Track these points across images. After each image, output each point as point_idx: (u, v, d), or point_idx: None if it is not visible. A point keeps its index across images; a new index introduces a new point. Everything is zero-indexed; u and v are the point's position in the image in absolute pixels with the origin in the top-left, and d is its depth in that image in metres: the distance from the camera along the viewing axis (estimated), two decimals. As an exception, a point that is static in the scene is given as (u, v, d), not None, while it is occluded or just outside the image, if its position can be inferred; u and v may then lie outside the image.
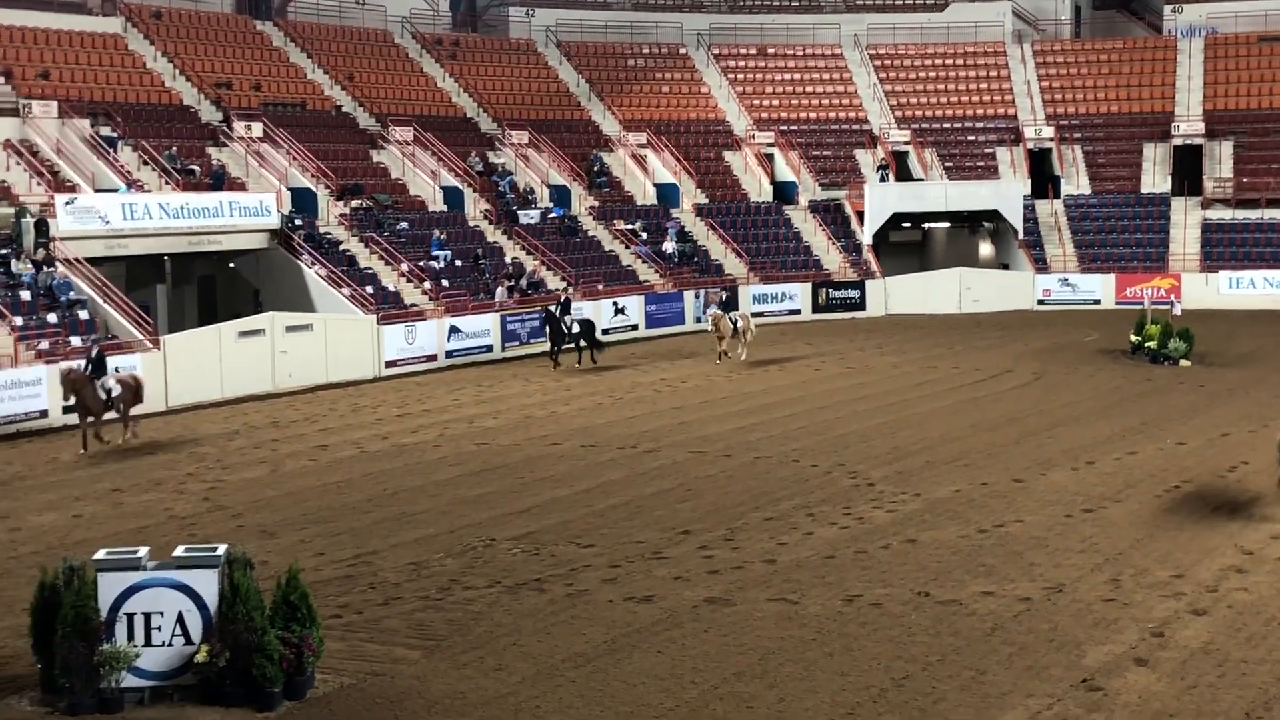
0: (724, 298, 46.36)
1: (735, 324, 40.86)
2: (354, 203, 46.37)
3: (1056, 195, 59.69)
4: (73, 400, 29.21)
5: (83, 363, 29.34)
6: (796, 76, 64.71)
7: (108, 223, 38.29)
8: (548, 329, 41.11)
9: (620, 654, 15.38)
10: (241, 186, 44.00)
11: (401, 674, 14.87)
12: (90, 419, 28.52)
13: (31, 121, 41.60)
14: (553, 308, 41.66)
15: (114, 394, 28.57)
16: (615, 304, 48.09)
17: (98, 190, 40.05)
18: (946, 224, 59.57)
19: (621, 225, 53.32)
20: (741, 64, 65.06)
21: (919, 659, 15.00)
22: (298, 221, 43.18)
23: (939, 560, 18.81)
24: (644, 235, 53.16)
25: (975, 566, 18.47)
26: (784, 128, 61.12)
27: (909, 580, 17.88)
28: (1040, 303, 55.04)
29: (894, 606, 16.80)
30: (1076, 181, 60.22)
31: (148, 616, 14.15)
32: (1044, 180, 60.23)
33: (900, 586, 17.61)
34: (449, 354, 42.01)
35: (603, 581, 18.13)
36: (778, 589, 17.64)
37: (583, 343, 40.73)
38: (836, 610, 16.74)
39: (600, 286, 48.39)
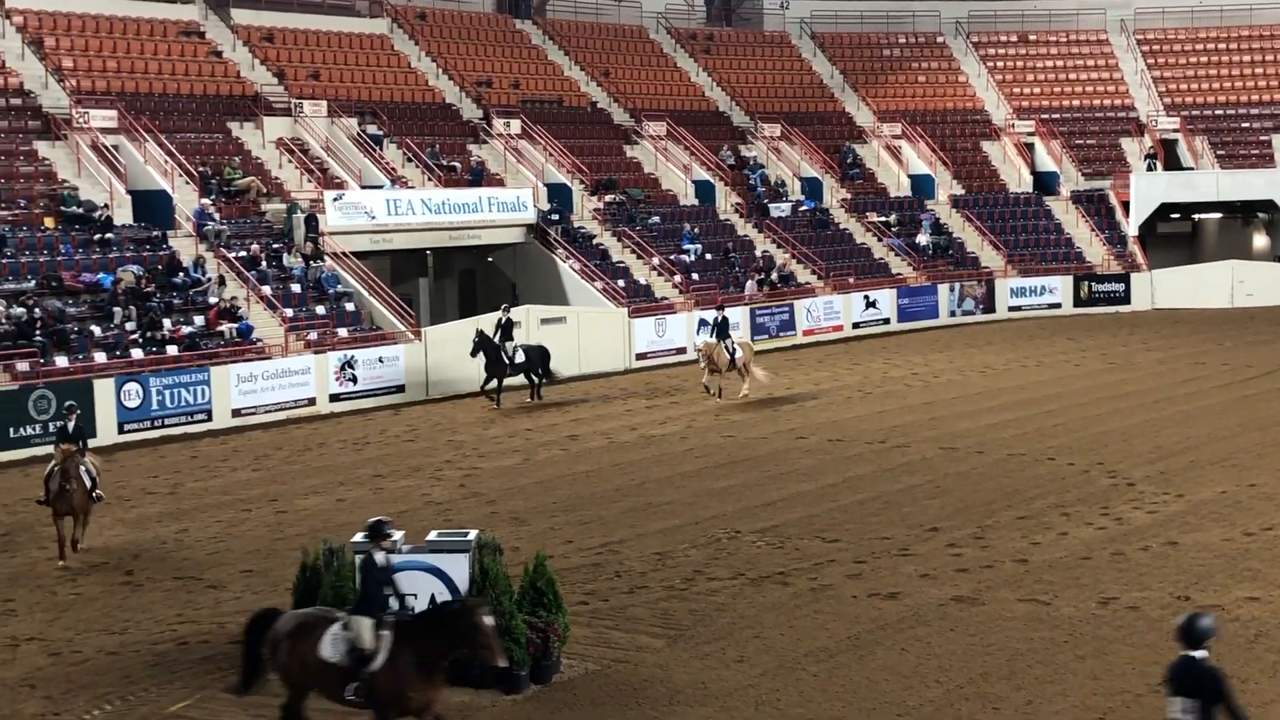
0: (719, 320, 33.82)
1: (733, 355, 33.04)
2: (607, 197, 47.01)
3: (1338, 184, 56.48)
4: None
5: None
6: (1059, 63, 62.88)
7: (373, 218, 39.70)
8: (482, 357, 33.21)
9: (864, 650, 15.21)
10: (500, 182, 45.07)
11: (645, 662, 15.00)
12: None
13: (302, 120, 43.42)
14: (487, 328, 33.75)
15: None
16: (866, 297, 47.59)
17: (364, 187, 41.56)
18: (1218, 214, 57.03)
19: (874, 218, 52.72)
20: (1001, 51, 63.58)
21: (1177, 666, 14.40)
22: (554, 216, 44.00)
23: (1201, 564, 18.04)
24: (897, 228, 52.44)
25: (1240, 571, 17.65)
26: (1045, 116, 59.46)
27: (1168, 584, 17.19)
28: (1319, 297, 52.23)
29: (1152, 611, 16.17)
30: (1361, 169, 56.89)
31: (402, 598, 14.57)
32: (1325, 168, 57.08)
33: (1159, 590, 16.95)
34: (698, 347, 42.11)
35: (847, 577, 17.96)
36: (1029, 589, 17.18)
37: (533, 375, 33.97)
38: (1090, 613, 16.21)
39: (851, 280, 47.95)
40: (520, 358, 33.45)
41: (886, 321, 48.07)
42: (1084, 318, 50.18)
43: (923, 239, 52.00)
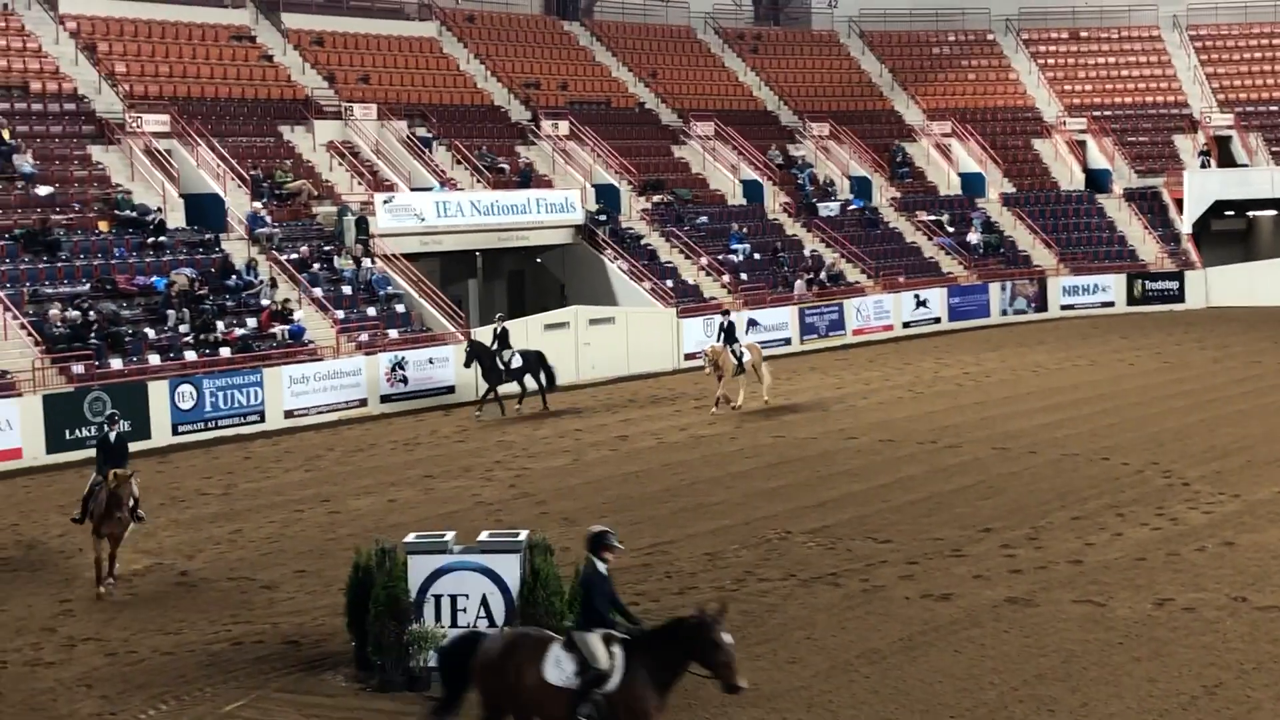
0: (726, 324, 32.63)
1: (740, 358, 31.64)
2: (655, 198, 47.01)
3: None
4: None
5: None
6: (1111, 60, 62.34)
7: (423, 220, 39.87)
8: (477, 366, 32.41)
9: (916, 651, 15.13)
10: (548, 184, 45.15)
11: (696, 663, 14.94)
12: None
13: (353, 123, 43.66)
14: (482, 336, 32.98)
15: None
16: (917, 296, 47.36)
17: (414, 189, 41.74)
18: (1273, 211, 56.36)
19: (924, 216, 52.46)
20: (1052, 48, 63.10)
21: (1233, 666, 14.26)
22: (602, 217, 44.05)
23: (1258, 564, 17.84)
24: (948, 226, 52.16)
25: (1299, 572, 17.44)
26: (1097, 113, 58.97)
27: (1225, 585, 17.01)
28: (1379, 294, 51.49)
29: (1208, 612, 16.01)
30: None
31: (454, 598, 14.64)
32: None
33: (1215, 591, 16.77)
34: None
35: (900, 578, 17.87)
36: (1083, 590, 17.04)
37: (530, 382, 32.59)
38: (1146, 614, 16.06)
39: (901, 279, 47.73)
40: (517, 363, 32.28)
41: (937, 321, 47.83)
42: (1137, 316, 49.73)
43: (973, 237, 51.70)
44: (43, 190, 35.21)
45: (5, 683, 15.05)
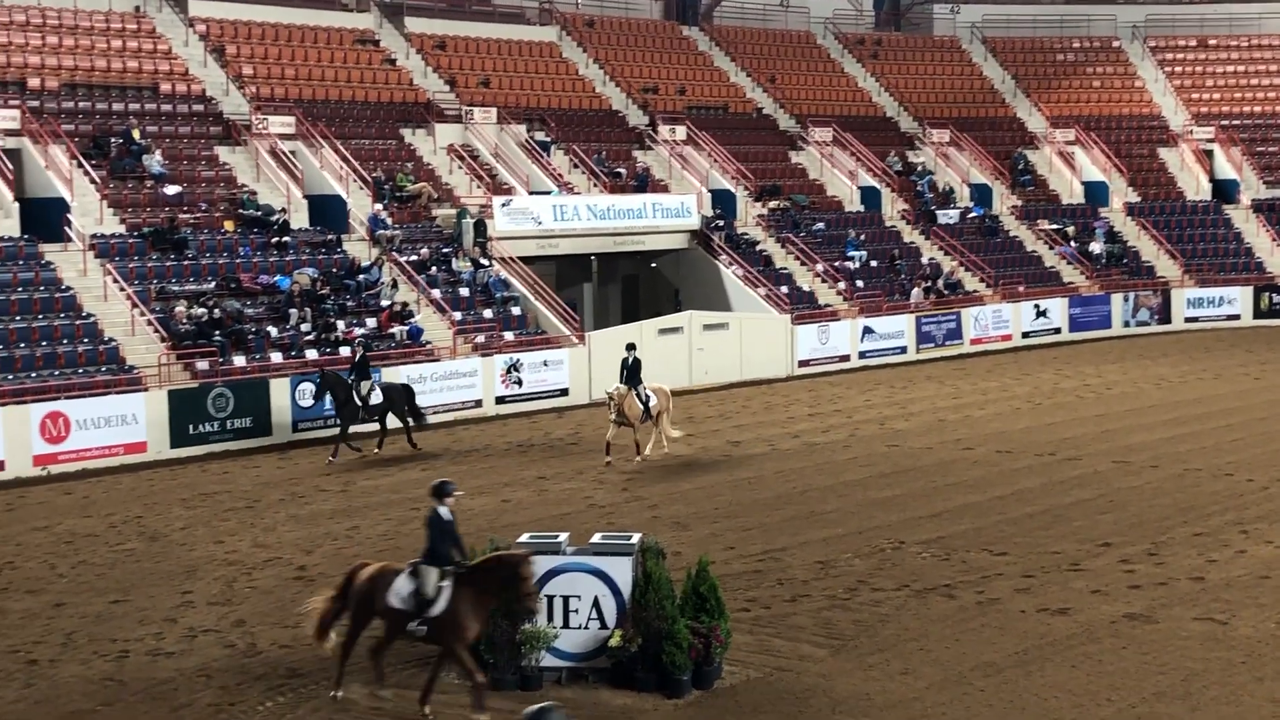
0: (630, 361, 27.26)
1: (647, 403, 26.90)
2: (772, 203, 46.87)
3: None
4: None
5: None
6: (1240, 68, 60.99)
7: (540, 223, 40.13)
8: (331, 400, 28.37)
9: (1032, 666, 14.91)
10: (664, 188, 45.23)
11: (807, 671, 14.89)
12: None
13: (472, 127, 44.08)
14: (339, 368, 29.28)
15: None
16: (1036, 306, 46.69)
17: (531, 192, 42.04)
18: None
19: (1046, 225, 51.70)
20: (1180, 56, 61.88)
21: (1364, 692, 13.86)
22: (718, 222, 44.00)
23: (1390, 587, 17.32)
24: (1070, 235, 51.35)
25: None
26: (1225, 122, 57.69)
27: (1355, 607, 16.54)
28: None
29: (1336, 634, 15.58)
30: None
31: (566, 600, 14.72)
32: None
33: (1344, 613, 16.32)
34: (862, 355, 41.86)
35: (1015, 591, 17.62)
36: (1205, 608, 16.68)
37: (392, 418, 28.56)
38: (1269, 633, 15.67)
39: (1021, 288, 47.08)
40: (376, 398, 28.09)
41: (1057, 331, 47.12)
42: (1264, 330, 48.54)
43: (1096, 247, 50.84)
44: (171, 190, 36.03)
45: (128, 672, 15.40)
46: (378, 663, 14.32)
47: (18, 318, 29.79)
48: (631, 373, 27.16)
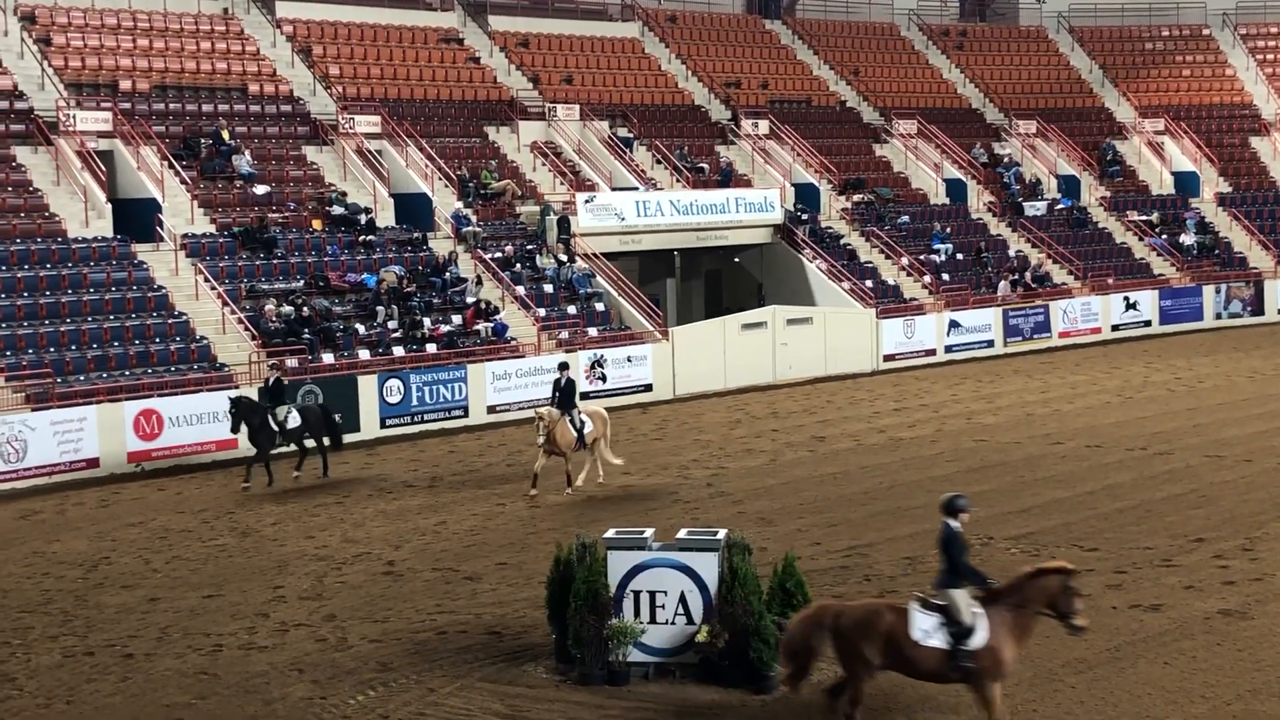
0: (563, 382, 24.54)
1: (581, 429, 24.07)
2: (855, 197, 46.61)
3: None
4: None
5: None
6: (1335, 54, 59.82)
7: (623, 219, 40.21)
8: (243, 427, 26.12)
9: (1124, 663, 14.73)
10: (747, 183, 45.13)
11: (895, 668, 14.77)
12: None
13: (555, 124, 44.27)
14: (245, 393, 27.53)
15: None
16: (1126, 299, 46.05)
17: (614, 188, 42.14)
18: None
19: (1135, 216, 50.98)
20: (1271, 44, 60.72)
21: None
22: (801, 216, 43.84)
23: None
24: (1160, 227, 50.60)
25: None
26: (1319, 110, 56.62)
27: None
28: None
29: None
30: None
31: (653, 595, 14.75)
32: None
33: None
34: (948, 348, 41.53)
35: (1107, 587, 17.41)
36: (1302, 605, 16.39)
37: (309, 442, 26.62)
38: (1370, 632, 15.37)
39: (1110, 280, 46.47)
40: (294, 422, 26.29)
41: (1148, 324, 46.46)
42: (1362, 321, 47.60)
43: (1187, 238, 50.07)
44: (260, 189, 36.51)
45: (221, 665, 15.64)
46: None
47: (111, 317, 30.33)
48: (565, 395, 24.31)
